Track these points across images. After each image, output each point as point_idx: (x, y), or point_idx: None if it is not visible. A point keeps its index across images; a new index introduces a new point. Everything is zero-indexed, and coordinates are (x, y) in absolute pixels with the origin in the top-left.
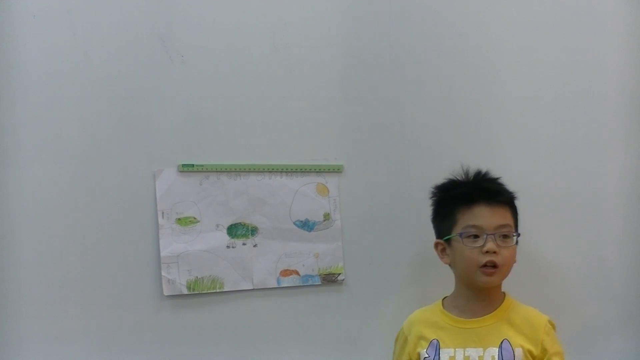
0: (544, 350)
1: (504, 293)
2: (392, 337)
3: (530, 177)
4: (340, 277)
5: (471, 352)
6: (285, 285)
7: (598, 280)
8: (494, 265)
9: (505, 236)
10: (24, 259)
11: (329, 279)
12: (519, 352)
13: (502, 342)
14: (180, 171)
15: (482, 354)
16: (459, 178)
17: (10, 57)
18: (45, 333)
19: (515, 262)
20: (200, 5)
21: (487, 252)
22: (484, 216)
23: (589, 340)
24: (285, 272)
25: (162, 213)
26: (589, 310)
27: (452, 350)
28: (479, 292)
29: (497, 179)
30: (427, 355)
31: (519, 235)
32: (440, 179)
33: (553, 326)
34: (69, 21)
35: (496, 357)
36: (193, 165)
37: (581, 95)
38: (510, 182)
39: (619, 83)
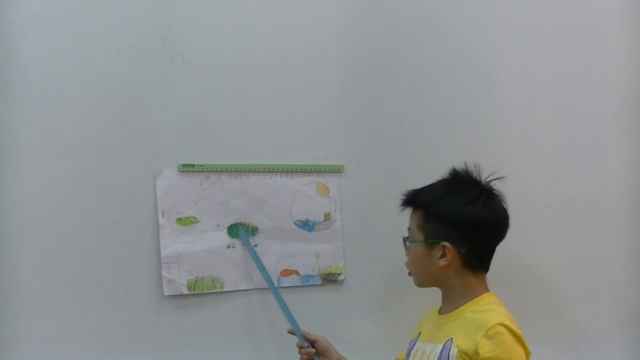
0: (476, 354)
1: (483, 293)
2: (392, 337)
3: (530, 178)
4: (340, 277)
5: (428, 347)
6: (286, 285)
7: (597, 282)
8: None
9: (406, 240)
10: (24, 259)
11: (329, 279)
12: (453, 352)
13: (446, 341)
14: (181, 171)
15: (432, 350)
16: None
17: (10, 57)
18: (45, 333)
19: (422, 266)
20: (201, 5)
21: None
22: None
23: (589, 342)
24: (286, 272)
25: (163, 213)
26: (589, 312)
27: (422, 343)
28: (441, 291)
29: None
30: (409, 345)
31: (425, 240)
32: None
33: (510, 332)
34: (69, 21)
35: (438, 354)
36: (193, 165)
37: (581, 98)
38: (509, 184)
39: (619, 86)
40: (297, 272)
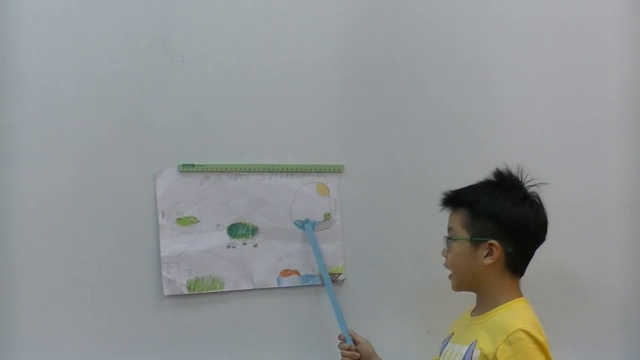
0: (496, 359)
1: (515, 298)
2: (392, 337)
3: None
4: (340, 277)
5: (456, 347)
6: (286, 285)
7: (597, 282)
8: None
9: (449, 239)
10: (24, 259)
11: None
12: (476, 354)
13: (472, 343)
14: (181, 171)
15: (459, 351)
16: None
17: (10, 57)
18: (45, 333)
19: (465, 265)
20: (201, 5)
21: None
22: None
23: (589, 342)
24: (286, 272)
25: (163, 213)
26: (589, 312)
27: (452, 344)
28: (476, 295)
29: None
30: (441, 345)
31: (471, 239)
32: (439, 179)
33: (531, 338)
34: (69, 21)
35: (462, 355)
36: (193, 165)
37: (581, 98)
38: None
39: (619, 86)
40: (297, 272)
